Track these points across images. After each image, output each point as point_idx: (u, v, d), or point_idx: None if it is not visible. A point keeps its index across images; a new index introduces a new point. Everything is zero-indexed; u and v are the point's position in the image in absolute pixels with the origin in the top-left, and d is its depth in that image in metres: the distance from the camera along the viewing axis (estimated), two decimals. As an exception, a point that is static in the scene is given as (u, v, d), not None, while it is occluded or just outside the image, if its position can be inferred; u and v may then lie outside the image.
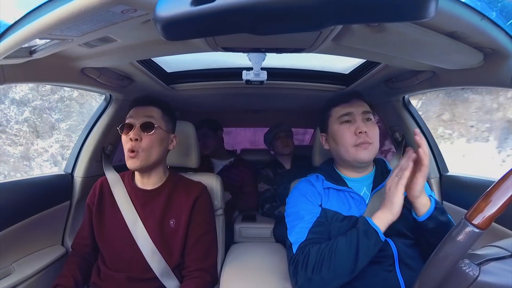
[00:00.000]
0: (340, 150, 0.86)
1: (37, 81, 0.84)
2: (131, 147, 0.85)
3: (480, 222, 0.42)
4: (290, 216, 0.86)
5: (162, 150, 0.92)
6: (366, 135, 0.82)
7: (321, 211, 0.83)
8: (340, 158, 0.89)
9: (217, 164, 1.89)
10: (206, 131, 1.85)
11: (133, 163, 0.86)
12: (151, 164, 0.90)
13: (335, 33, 0.63)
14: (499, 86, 0.75)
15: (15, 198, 0.93)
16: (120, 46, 0.68)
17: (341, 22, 0.44)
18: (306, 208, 0.83)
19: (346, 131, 0.84)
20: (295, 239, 0.79)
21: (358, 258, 0.69)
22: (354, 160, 0.84)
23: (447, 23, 0.54)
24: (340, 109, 0.87)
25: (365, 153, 0.82)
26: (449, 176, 1.20)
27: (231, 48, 0.76)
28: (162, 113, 0.93)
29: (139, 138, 0.86)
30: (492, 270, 0.40)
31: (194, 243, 0.91)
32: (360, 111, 0.84)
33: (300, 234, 0.79)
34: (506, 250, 0.42)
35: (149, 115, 0.89)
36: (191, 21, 0.30)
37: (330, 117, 0.89)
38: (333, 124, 0.88)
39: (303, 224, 0.80)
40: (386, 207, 0.72)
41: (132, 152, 0.85)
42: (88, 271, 0.94)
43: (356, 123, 0.83)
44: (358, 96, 0.89)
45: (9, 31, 0.51)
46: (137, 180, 0.97)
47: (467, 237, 0.42)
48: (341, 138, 0.85)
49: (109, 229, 0.92)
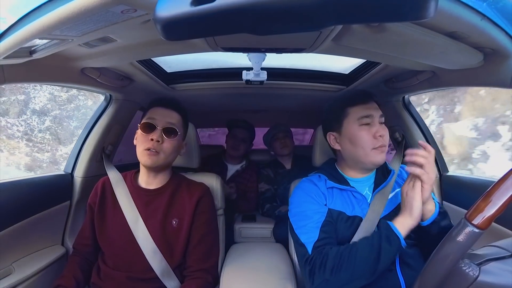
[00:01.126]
0: (358, 152, 0.84)
1: (37, 81, 0.83)
2: (152, 146, 0.86)
3: (480, 222, 0.42)
4: (296, 216, 0.85)
5: (176, 155, 0.96)
6: (383, 138, 0.82)
7: (328, 210, 0.82)
8: (352, 160, 0.87)
9: (231, 168, 1.88)
10: (245, 134, 1.84)
11: (151, 160, 0.87)
12: (164, 166, 0.92)
13: (335, 33, 0.63)
14: (499, 86, 0.75)
15: (15, 198, 0.93)
16: (120, 46, 0.68)
17: (341, 22, 0.44)
18: (313, 208, 0.83)
19: (366, 133, 0.82)
20: (307, 239, 0.78)
21: (379, 263, 0.68)
22: (370, 163, 0.83)
23: (447, 23, 0.54)
24: (360, 110, 0.84)
25: (381, 156, 0.82)
26: (449, 176, 1.20)
27: (231, 48, 0.76)
28: (182, 121, 0.95)
29: (160, 140, 0.87)
30: (492, 270, 0.40)
31: (196, 243, 0.91)
32: (378, 114, 0.84)
33: (311, 233, 0.78)
34: (506, 250, 0.42)
35: (172, 121, 0.91)
36: (191, 21, 0.30)
37: (348, 117, 0.86)
38: (351, 125, 0.85)
39: (313, 224, 0.80)
40: (406, 212, 0.72)
41: (153, 150, 0.86)
42: (90, 271, 0.94)
43: (375, 126, 0.82)
44: (375, 97, 0.87)
45: (9, 31, 0.51)
46: (141, 179, 0.97)
47: (467, 237, 0.42)
48: (360, 140, 0.83)
49: (111, 228, 0.92)
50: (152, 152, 0.86)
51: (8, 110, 2.07)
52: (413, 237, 0.81)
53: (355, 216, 0.81)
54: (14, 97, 2.11)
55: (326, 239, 0.77)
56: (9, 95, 2.09)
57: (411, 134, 1.23)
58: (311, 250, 0.76)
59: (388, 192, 0.84)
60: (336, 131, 0.88)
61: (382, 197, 0.83)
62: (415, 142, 1.22)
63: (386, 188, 0.85)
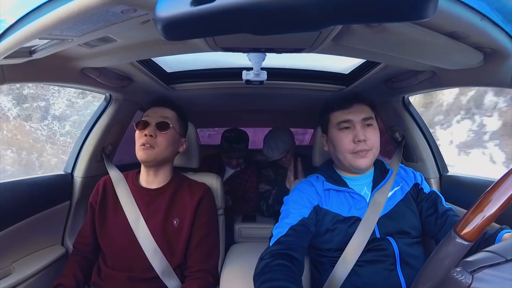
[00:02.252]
0: (339, 155, 0.86)
1: (37, 81, 0.83)
2: (145, 141, 0.88)
3: (468, 235, 0.42)
4: (281, 213, 0.87)
5: (172, 151, 0.96)
6: (365, 143, 0.81)
7: (311, 212, 0.82)
8: (338, 161, 0.89)
9: (229, 169, 1.88)
10: (242, 148, 1.78)
11: (146, 154, 0.88)
12: (160, 161, 0.92)
13: (335, 33, 0.63)
14: (499, 86, 0.75)
15: (15, 198, 0.93)
16: (120, 46, 0.68)
17: (341, 22, 0.44)
18: (296, 207, 0.84)
19: (344, 138, 0.83)
20: (276, 232, 0.79)
21: None
22: (351, 166, 0.84)
23: (447, 23, 0.54)
24: (339, 115, 0.85)
25: (362, 161, 0.82)
26: (449, 176, 1.20)
27: (231, 48, 0.76)
28: (177, 116, 0.97)
29: (154, 135, 0.89)
30: (485, 277, 0.39)
31: (197, 244, 0.91)
32: (359, 118, 0.83)
33: (282, 228, 0.79)
34: (500, 256, 0.41)
35: (165, 115, 0.94)
36: (191, 21, 0.30)
37: (329, 122, 0.89)
38: (332, 129, 0.87)
39: (288, 220, 0.81)
40: None
41: (147, 145, 0.88)
42: (89, 270, 0.94)
43: (355, 130, 0.82)
44: (359, 99, 0.86)
45: (9, 31, 0.51)
46: (142, 179, 0.97)
47: (456, 249, 0.42)
48: (338, 144, 0.84)
49: (111, 227, 0.92)
50: (146, 146, 0.88)
51: (31, 116, 2.18)
52: (414, 235, 0.81)
53: (352, 217, 0.82)
54: (36, 103, 2.21)
55: (291, 236, 0.77)
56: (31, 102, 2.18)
57: (411, 134, 1.23)
58: (273, 243, 0.77)
59: (387, 191, 0.84)
60: (325, 134, 0.92)
61: (381, 196, 0.83)
62: (415, 142, 1.22)
63: (385, 187, 0.85)
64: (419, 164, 1.23)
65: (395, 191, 0.87)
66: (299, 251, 0.75)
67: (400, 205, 0.84)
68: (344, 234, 0.80)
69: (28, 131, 2.08)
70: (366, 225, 0.79)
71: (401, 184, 0.89)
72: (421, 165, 1.22)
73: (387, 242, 0.78)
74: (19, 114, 2.09)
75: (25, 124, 2.08)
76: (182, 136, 1.01)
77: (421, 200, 0.87)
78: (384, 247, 0.78)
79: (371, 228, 0.79)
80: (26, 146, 2.12)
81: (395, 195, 0.86)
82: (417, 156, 1.24)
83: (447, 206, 0.85)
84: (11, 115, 2.04)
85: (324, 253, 0.83)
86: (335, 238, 0.80)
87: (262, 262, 0.72)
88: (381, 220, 0.80)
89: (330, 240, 0.81)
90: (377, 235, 0.80)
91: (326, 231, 0.82)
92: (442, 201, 0.86)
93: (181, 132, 1.00)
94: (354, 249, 0.78)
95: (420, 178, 0.92)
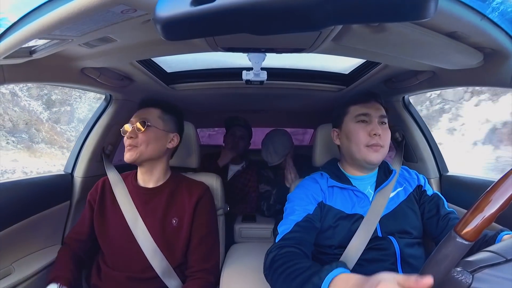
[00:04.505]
0: (352, 148, 0.86)
1: (37, 81, 0.83)
2: (128, 143, 0.91)
3: (468, 234, 0.42)
4: (286, 210, 0.87)
5: (159, 147, 0.94)
6: (380, 138, 0.82)
7: (316, 209, 0.83)
8: (349, 156, 0.89)
9: (232, 168, 1.86)
10: (242, 132, 1.79)
11: (129, 155, 0.90)
12: (146, 158, 0.92)
13: (335, 33, 0.63)
14: (499, 86, 0.75)
15: (15, 198, 0.93)
16: (120, 46, 0.68)
17: (341, 22, 0.44)
18: (301, 203, 0.84)
19: (361, 130, 0.84)
20: (282, 230, 0.79)
21: None
22: (363, 160, 0.84)
23: (447, 23, 0.54)
24: (359, 108, 0.87)
25: (375, 155, 0.83)
26: (449, 176, 1.20)
27: (231, 48, 0.76)
28: (161, 113, 0.96)
29: (134, 136, 0.90)
30: (485, 277, 0.39)
31: (197, 244, 0.91)
32: (377, 114, 0.85)
33: (287, 225, 0.79)
34: (501, 256, 0.41)
35: (145, 116, 0.94)
36: (191, 21, 0.30)
37: (347, 114, 0.89)
38: (349, 122, 0.88)
39: (293, 217, 0.81)
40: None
41: (130, 146, 0.90)
42: (79, 266, 0.94)
43: (371, 124, 0.84)
44: (377, 98, 0.89)
45: (9, 31, 0.51)
46: (139, 178, 0.98)
47: (456, 249, 0.42)
48: (354, 136, 0.85)
49: (110, 227, 0.92)
50: (129, 148, 0.90)
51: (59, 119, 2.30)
52: (415, 235, 0.81)
53: (355, 214, 0.82)
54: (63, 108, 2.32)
55: (297, 232, 0.77)
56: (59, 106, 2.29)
57: (411, 134, 1.23)
58: (278, 240, 0.76)
59: (389, 191, 0.85)
60: (338, 127, 0.92)
61: (383, 196, 0.83)
62: (415, 142, 1.23)
63: (388, 187, 0.85)
64: (419, 164, 1.23)
65: (398, 192, 0.88)
66: (306, 246, 0.75)
67: (402, 206, 0.85)
68: (347, 231, 0.80)
69: (59, 132, 2.16)
70: (368, 223, 0.79)
71: (404, 185, 0.90)
72: (421, 165, 1.22)
73: (389, 242, 0.79)
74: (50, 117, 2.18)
75: (56, 126, 2.17)
76: (171, 132, 0.98)
77: (423, 202, 0.88)
78: (385, 246, 0.78)
79: (373, 227, 0.79)
80: (64, 145, 2.22)
81: (398, 195, 0.87)
82: (417, 156, 1.24)
83: (449, 209, 0.86)
84: (43, 118, 2.13)
85: (325, 250, 0.83)
86: (337, 234, 0.81)
87: (269, 256, 0.72)
88: (383, 219, 0.81)
89: (332, 236, 0.81)
90: (379, 234, 0.80)
91: (328, 228, 0.82)
92: (445, 204, 0.87)
93: (168, 128, 0.97)
94: (356, 247, 0.78)
95: (424, 180, 0.93)
